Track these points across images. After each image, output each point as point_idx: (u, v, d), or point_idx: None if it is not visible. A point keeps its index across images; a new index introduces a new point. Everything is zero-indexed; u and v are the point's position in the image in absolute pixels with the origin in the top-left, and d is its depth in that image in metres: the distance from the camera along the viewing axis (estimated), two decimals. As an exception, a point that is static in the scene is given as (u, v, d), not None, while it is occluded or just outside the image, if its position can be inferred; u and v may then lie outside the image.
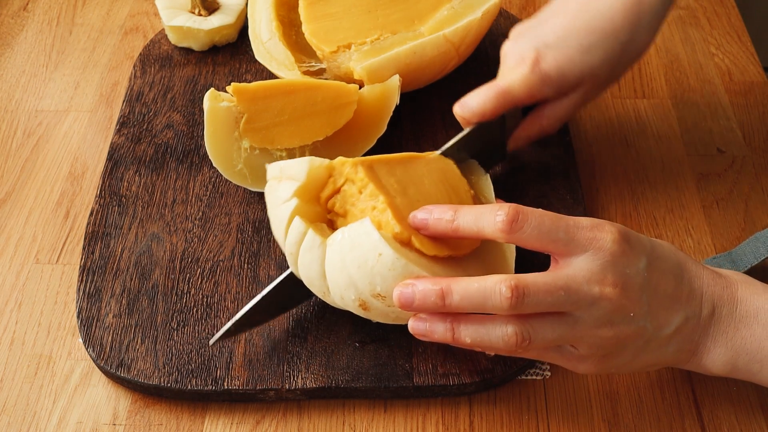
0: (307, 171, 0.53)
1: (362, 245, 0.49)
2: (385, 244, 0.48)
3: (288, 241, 0.52)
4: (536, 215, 0.47)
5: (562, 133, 0.73)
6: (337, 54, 0.70)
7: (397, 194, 0.53)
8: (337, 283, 0.51)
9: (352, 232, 0.49)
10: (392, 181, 0.53)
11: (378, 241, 0.48)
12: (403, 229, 0.51)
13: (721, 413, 0.58)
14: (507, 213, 0.47)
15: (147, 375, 0.57)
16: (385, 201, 0.52)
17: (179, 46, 0.81)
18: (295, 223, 0.51)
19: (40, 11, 0.90)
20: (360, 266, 0.49)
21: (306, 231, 0.51)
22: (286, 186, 0.53)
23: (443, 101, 0.76)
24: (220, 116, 0.64)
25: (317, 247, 0.51)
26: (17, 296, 0.65)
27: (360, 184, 0.53)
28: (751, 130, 0.77)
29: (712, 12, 0.89)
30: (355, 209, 0.53)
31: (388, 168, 0.54)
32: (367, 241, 0.48)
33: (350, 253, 0.49)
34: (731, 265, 0.63)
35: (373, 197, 0.52)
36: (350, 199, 0.53)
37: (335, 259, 0.50)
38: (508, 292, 0.45)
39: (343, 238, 0.50)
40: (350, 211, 0.53)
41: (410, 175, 0.55)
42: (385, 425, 0.57)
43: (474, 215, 0.49)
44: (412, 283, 0.48)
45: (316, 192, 0.54)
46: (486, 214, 0.48)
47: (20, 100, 0.80)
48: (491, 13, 0.72)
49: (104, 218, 0.67)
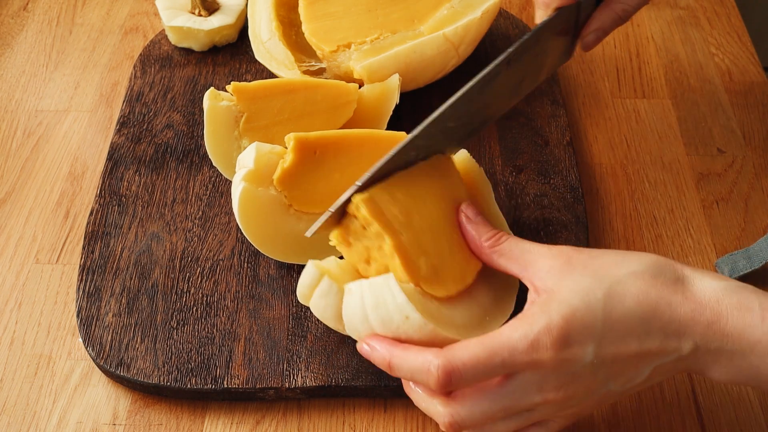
0: (255, 158, 0.59)
1: (386, 304, 0.48)
2: (412, 308, 0.47)
3: (301, 282, 0.52)
4: (469, 367, 0.44)
5: (562, 132, 0.73)
6: (336, 53, 0.70)
7: (402, 228, 0.51)
8: (356, 328, 0.50)
9: (374, 288, 0.48)
10: (395, 211, 0.52)
11: (404, 303, 0.47)
12: (411, 278, 0.50)
13: (721, 413, 0.58)
14: (438, 378, 0.45)
15: (147, 374, 0.57)
16: (392, 245, 0.50)
17: (179, 47, 0.81)
18: (309, 268, 0.51)
19: (40, 11, 0.90)
20: (384, 323, 0.48)
21: (321, 277, 0.51)
22: (239, 173, 0.59)
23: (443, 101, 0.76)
24: (220, 115, 0.64)
25: (334, 294, 0.51)
26: (17, 296, 0.64)
27: (363, 220, 0.51)
28: (751, 130, 0.77)
29: (712, 12, 0.89)
30: (359, 244, 0.52)
31: (389, 195, 0.52)
32: (391, 301, 0.48)
33: (374, 311, 0.48)
34: (747, 262, 0.63)
35: (379, 237, 0.51)
36: (353, 234, 0.52)
37: (355, 309, 0.49)
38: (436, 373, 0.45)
39: (364, 293, 0.49)
40: (354, 246, 0.52)
41: (413, 197, 0.53)
42: (385, 425, 0.57)
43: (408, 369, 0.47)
44: (372, 345, 0.49)
45: (268, 176, 0.59)
46: (415, 373, 0.47)
47: (20, 100, 0.80)
48: (491, 12, 0.72)
49: (104, 218, 0.67)
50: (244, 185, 0.59)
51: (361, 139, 0.62)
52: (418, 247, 0.51)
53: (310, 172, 0.60)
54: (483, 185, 0.61)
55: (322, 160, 0.60)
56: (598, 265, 0.47)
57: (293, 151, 0.59)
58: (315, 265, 0.51)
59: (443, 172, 0.57)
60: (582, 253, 0.48)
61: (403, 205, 0.52)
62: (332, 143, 0.61)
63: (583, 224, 0.66)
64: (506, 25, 0.83)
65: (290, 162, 0.59)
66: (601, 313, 0.45)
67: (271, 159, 0.60)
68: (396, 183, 0.53)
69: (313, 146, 0.60)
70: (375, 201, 0.51)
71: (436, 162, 0.56)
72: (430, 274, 0.51)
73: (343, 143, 0.61)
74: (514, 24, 0.83)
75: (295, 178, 0.60)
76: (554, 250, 0.48)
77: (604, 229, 0.69)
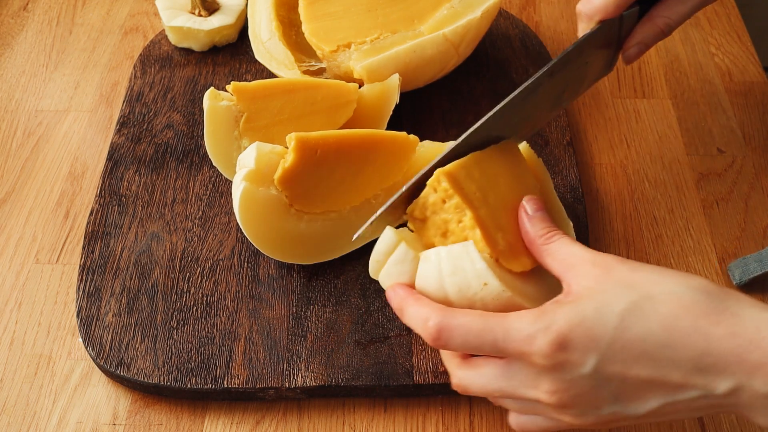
0: (255, 158, 0.59)
1: (465, 270, 0.48)
2: (492, 275, 0.48)
3: (377, 249, 0.52)
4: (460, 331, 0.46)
5: (562, 132, 0.73)
6: (336, 53, 0.70)
7: (480, 205, 0.52)
8: (430, 294, 0.50)
9: (453, 255, 0.49)
10: (473, 188, 0.52)
11: (484, 270, 0.48)
12: (492, 251, 0.51)
13: (721, 413, 0.58)
14: (428, 331, 0.47)
15: (147, 374, 0.57)
16: (473, 218, 0.51)
17: (179, 47, 0.81)
18: (387, 234, 0.51)
19: (40, 11, 0.90)
20: (461, 290, 0.49)
21: (398, 243, 0.51)
22: (240, 173, 0.59)
23: (443, 100, 0.76)
24: (220, 115, 0.64)
25: (409, 261, 0.51)
26: (17, 296, 0.64)
27: (443, 194, 0.52)
28: (751, 130, 0.77)
29: (712, 12, 0.89)
30: (437, 217, 0.52)
31: (466, 172, 0.53)
32: (470, 267, 0.48)
33: (450, 277, 0.49)
34: (758, 264, 0.63)
35: (459, 211, 0.51)
36: (431, 207, 0.52)
37: (430, 276, 0.50)
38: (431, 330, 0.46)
39: (441, 259, 0.49)
40: (431, 219, 0.53)
41: (488, 177, 0.54)
42: (385, 425, 0.57)
43: (410, 317, 0.49)
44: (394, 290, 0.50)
45: (269, 175, 0.59)
46: (416, 322, 0.48)
47: (20, 100, 0.80)
48: (491, 12, 0.72)
49: (104, 218, 0.67)
50: (244, 185, 0.59)
51: (362, 139, 0.62)
52: (495, 222, 0.52)
53: (311, 171, 0.60)
54: (544, 175, 0.61)
55: (323, 159, 0.60)
56: (635, 279, 0.45)
57: (294, 151, 0.59)
58: (393, 231, 0.51)
59: (513, 157, 0.57)
60: (625, 264, 0.46)
61: (479, 183, 0.53)
62: (333, 143, 0.61)
63: (583, 224, 0.66)
64: (506, 25, 0.83)
65: (291, 162, 0.59)
66: (612, 329, 0.43)
67: (272, 159, 0.60)
68: (471, 162, 0.53)
69: (315, 146, 0.60)
70: (455, 176, 0.52)
71: (505, 146, 0.56)
72: (507, 249, 0.52)
73: (343, 143, 0.61)
74: (514, 24, 0.83)
75: (296, 178, 0.60)
76: (599, 257, 0.47)
77: (604, 229, 0.69)
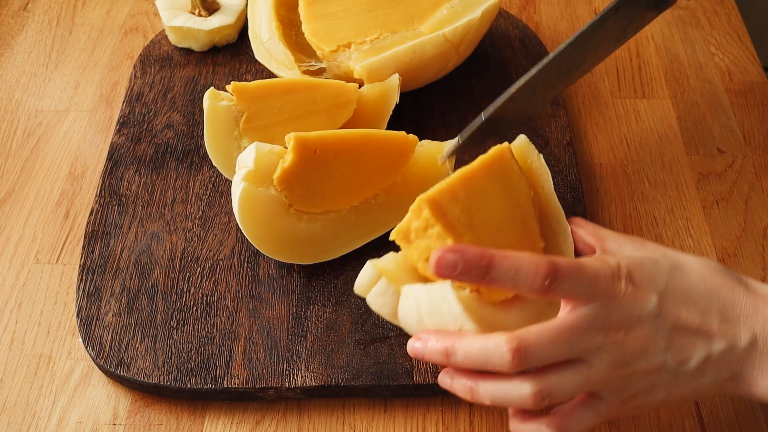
0: (255, 158, 0.59)
1: (442, 312, 0.48)
2: (467, 318, 0.47)
3: (359, 281, 0.52)
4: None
5: (562, 132, 0.73)
6: (336, 53, 0.70)
7: (465, 230, 0.51)
8: (411, 327, 0.51)
9: (431, 296, 0.49)
10: (458, 212, 0.51)
11: (460, 314, 0.47)
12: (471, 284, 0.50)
13: (721, 413, 0.58)
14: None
15: (146, 374, 0.57)
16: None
17: (179, 47, 0.81)
18: (367, 268, 0.52)
19: (40, 11, 0.90)
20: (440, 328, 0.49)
21: (378, 278, 0.51)
22: (239, 173, 0.60)
23: (443, 100, 0.76)
24: (220, 115, 0.64)
25: (390, 294, 0.51)
26: (17, 296, 0.64)
27: (425, 222, 0.51)
28: (751, 130, 0.77)
29: (712, 12, 0.89)
30: (421, 243, 0.52)
31: (451, 195, 0.52)
32: (447, 311, 0.48)
33: (429, 316, 0.49)
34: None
35: (441, 239, 0.51)
36: (414, 233, 0.52)
37: (411, 311, 0.50)
38: (508, 355, 0.44)
39: (420, 298, 0.49)
40: (415, 243, 0.52)
41: (474, 196, 0.53)
42: (385, 425, 0.57)
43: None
44: (424, 339, 0.48)
45: (268, 175, 0.59)
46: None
47: (20, 100, 0.80)
48: (491, 12, 0.72)
49: (104, 218, 0.67)
50: (244, 185, 0.59)
51: (361, 138, 0.62)
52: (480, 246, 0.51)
53: (311, 171, 0.60)
54: (542, 172, 0.61)
55: (322, 159, 0.60)
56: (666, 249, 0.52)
57: (293, 151, 0.59)
58: (373, 265, 0.51)
59: (503, 167, 0.56)
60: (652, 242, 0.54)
61: (466, 205, 0.52)
62: (332, 143, 0.61)
63: (583, 224, 0.66)
64: (506, 25, 0.83)
65: (290, 162, 0.59)
66: (666, 275, 0.48)
67: (271, 159, 0.60)
68: (458, 182, 0.53)
69: (314, 146, 0.60)
70: (438, 202, 0.51)
71: (495, 156, 0.56)
72: None
73: (343, 143, 0.61)
74: (514, 24, 0.83)
75: (296, 178, 0.60)
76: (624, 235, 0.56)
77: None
